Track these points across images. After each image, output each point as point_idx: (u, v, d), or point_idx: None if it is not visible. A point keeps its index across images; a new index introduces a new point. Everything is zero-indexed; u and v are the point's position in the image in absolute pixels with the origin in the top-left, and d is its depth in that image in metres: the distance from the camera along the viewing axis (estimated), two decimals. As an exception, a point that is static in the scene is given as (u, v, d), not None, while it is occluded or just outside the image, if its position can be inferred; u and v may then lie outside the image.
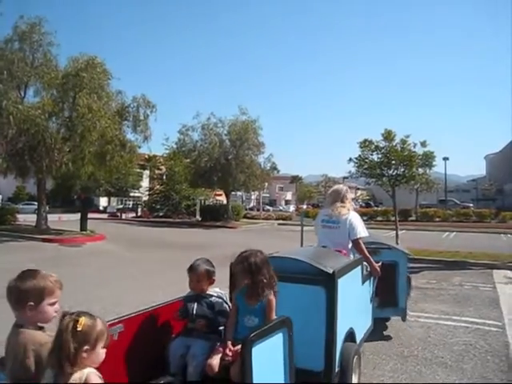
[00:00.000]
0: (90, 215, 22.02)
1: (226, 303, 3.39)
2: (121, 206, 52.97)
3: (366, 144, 14.06)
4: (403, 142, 13.83)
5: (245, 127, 31.08)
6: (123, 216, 43.84)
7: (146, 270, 11.29)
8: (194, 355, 3.03)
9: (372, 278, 4.70)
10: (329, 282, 3.33)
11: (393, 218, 16.95)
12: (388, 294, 4.91)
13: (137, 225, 32.35)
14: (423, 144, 13.88)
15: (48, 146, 18.10)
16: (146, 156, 43.30)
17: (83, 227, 20.37)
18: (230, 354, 2.79)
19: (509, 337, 5.66)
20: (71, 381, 1.75)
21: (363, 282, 4.42)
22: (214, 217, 33.69)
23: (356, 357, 3.71)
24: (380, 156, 14.01)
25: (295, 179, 72.28)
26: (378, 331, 5.55)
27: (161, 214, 41.13)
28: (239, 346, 2.61)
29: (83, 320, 1.83)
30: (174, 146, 34.96)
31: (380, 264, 4.73)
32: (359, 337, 4.10)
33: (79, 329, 1.80)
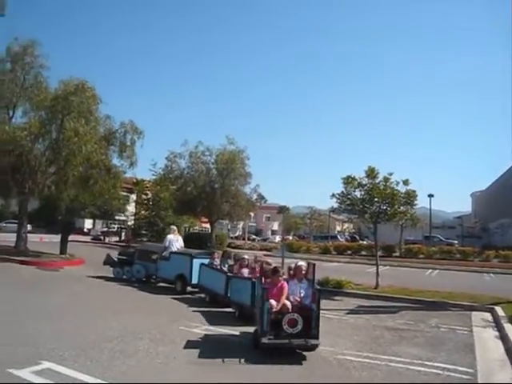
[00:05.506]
0: (73, 237, 21.71)
1: None
2: (105, 229, 52.46)
3: (349, 180, 14.15)
4: (386, 179, 13.94)
5: (232, 157, 31.20)
6: (106, 239, 43.36)
7: (113, 300, 11.09)
8: None
9: None
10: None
11: (377, 253, 16.90)
12: None
13: (119, 250, 31.80)
14: (405, 182, 14.00)
15: (32, 168, 18.00)
16: (134, 180, 43.14)
17: (63, 251, 20.10)
18: None
19: (479, 386, 5.58)
20: None
21: None
22: (198, 245, 33.37)
23: None
24: (363, 193, 14.10)
25: (282, 209, 71.67)
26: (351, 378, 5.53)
27: (144, 240, 40.81)
28: None
29: None
30: (161, 172, 35.00)
31: None
32: None
33: None
